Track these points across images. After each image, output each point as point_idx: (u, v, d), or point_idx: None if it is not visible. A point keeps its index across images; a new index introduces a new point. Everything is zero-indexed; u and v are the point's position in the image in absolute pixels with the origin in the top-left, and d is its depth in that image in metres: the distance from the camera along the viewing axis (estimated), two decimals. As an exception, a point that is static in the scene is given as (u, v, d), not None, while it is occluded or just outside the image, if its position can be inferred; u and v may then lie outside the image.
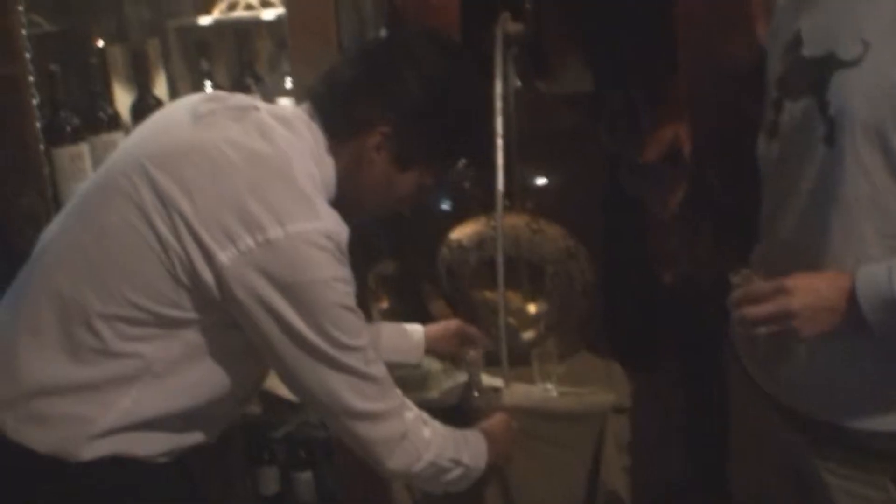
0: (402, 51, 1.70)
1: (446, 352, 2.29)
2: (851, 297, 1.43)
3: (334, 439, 1.95)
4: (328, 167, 1.68)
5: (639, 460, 2.25)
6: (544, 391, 2.30)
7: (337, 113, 1.70)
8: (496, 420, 2.07)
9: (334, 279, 1.56)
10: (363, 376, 1.64)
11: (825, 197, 1.51)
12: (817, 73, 1.52)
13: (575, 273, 2.38)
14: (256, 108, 1.68)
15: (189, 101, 1.73)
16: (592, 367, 2.46)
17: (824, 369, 1.57)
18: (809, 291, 1.45)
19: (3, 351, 1.61)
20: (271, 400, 2.39)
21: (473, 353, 2.24)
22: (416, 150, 1.71)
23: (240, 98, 1.73)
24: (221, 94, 1.77)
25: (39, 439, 1.56)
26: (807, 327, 1.45)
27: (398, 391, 1.75)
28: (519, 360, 2.36)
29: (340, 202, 1.66)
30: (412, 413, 1.76)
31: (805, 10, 1.61)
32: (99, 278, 1.56)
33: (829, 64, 1.51)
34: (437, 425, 1.82)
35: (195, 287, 1.54)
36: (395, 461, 1.73)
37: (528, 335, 2.46)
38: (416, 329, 2.25)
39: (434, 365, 2.44)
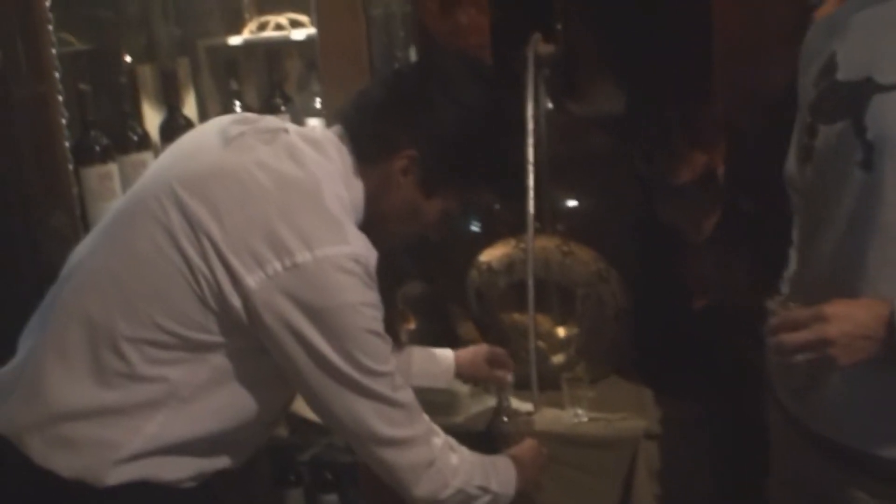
0: (436, 76, 1.68)
1: (476, 377, 2.26)
2: (890, 325, 1.40)
3: (360, 462, 1.94)
4: (357, 190, 1.66)
5: (668, 489, 2.22)
6: (574, 416, 2.28)
7: (365, 135, 1.68)
8: (526, 446, 2.05)
9: (362, 304, 1.54)
10: (390, 402, 1.62)
11: (862, 222, 1.48)
12: (854, 97, 1.50)
13: (606, 297, 2.36)
14: (286, 131, 1.67)
15: (219, 122, 1.72)
16: (623, 392, 2.44)
17: (861, 398, 1.53)
18: (847, 319, 1.42)
19: (31, 374, 1.60)
20: (298, 422, 2.38)
21: (502, 377, 2.21)
22: (443, 177, 1.68)
23: (269, 120, 1.72)
24: (251, 115, 1.76)
25: (65, 464, 1.55)
26: (844, 355, 1.42)
27: (426, 417, 1.73)
28: (548, 385, 2.34)
29: (367, 225, 1.65)
30: (440, 439, 1.74)
31: (839, 35, 1.59)
32: (127, 301, 1.55)
33: (866, 88, 1.48)
34: (465, 452, 1.80)
35: (222, 311, 1.53)
36: (423, 488, 1.71)
37: (557, 359, 2.44)
38: (446, 354, 2.22)
39: (462, 389, 2.42)
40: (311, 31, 2.45)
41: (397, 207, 1.70)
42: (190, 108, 2.72)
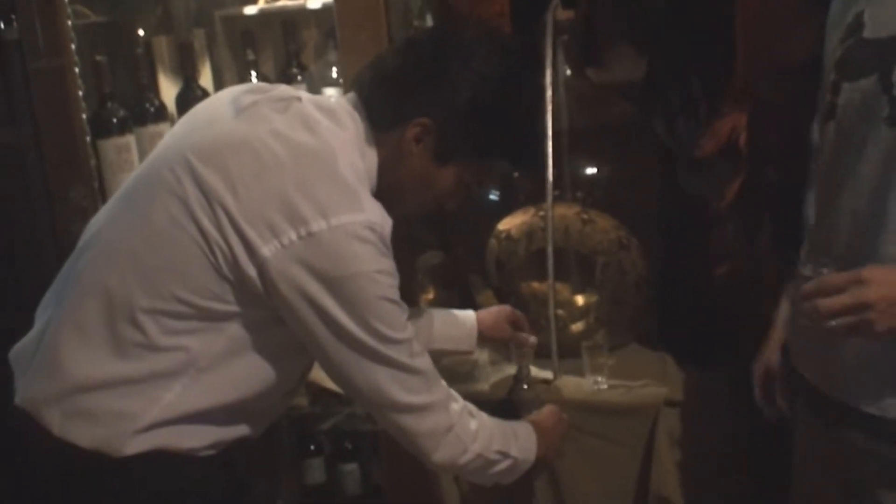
0: (453, 44, 1.66)
1: (498, 338, 2.24)
2: None
3: (380, 431, 1.94)
4: (371, 158, 1.66)
5: (689, 456, 2.22)
6: (594, 384, 2.28)
7: (380, 103, 1.67)
8: (546, 412, 2.05)
9: (378, 272, 1.54)
10: (408, 369, 1.62)
11: (886, 181, 1.46)
12: (880, 55, 1.48)
13: (626, 264, 2.36)
14: (299, 99, 1.66)
15: (231, 92, 1.71)
16: (644, 360, 2.43)
17: (875, 359, 1.52)
18: (886, 283, 1.39)
19: (49, 347, 1.61)
20: (318, 392, 2.39)
21: (525, 339, 2.20)
22: (456, 146, 1.67)
23: (282, 89, 1.71)
24: (263, 85, 1.76)
25: (84, 435, 1.56)
26: (882, 320, 1.39)
27: (444, 383, 1.73)
28: (568, 353, 2.34)
29: (382, 194, 1.64)
30: (458, 405, 1.74)
31: None
32: (143, 273, 1.55)
33: (894, 45, 1.47)
34: (484, 417, 1.80)
35: (238, 281, 1.53)
36: (441, 453, 1.71)
37: (577, 327, 2.44)
38: (468, 316, 2.20)
39: (482, 356, 2.42)
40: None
41: (410, 176, 1.69)
42: (206, 79, 2.72)
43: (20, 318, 1.75)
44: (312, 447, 2.87)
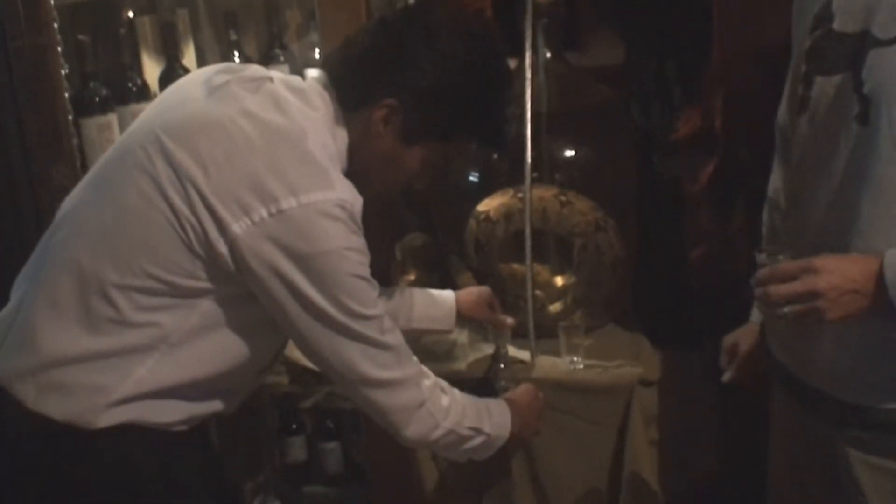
0: (421, 26, 1.67)
1: (477, 318, 2.28)
2: (879, 281, 1.39)
3: (361, 411, 1.96)
4: (341, 139, 1.68)
5: (664, 435, 2.25)
6: (571, 364, 2.31)
7: (348, 83, 1.69)
8: (522, 390, 2.06)
9: (347, 249, 1.56)
10: (378, 345, 1.64)
11: (857, 177, 1.48)
12: (851, 50, 1.49)
13: (604, 246, 2.38)
14: (270, 80, 1.67)
15: (203, 73, 1.72)
16: (620, 340, 2.46)
17: (851, 351, 1.54)
18: (837, 272, 1.41)
19: (23, 322, 1.63)
20: (298, 371, 2.40)
21: (503, 320, 2.22)
22: (422, 127, 1.68)
23: (254, 69, 1.72)
24: (235, 65, 1.77)
25: (58, 408, 1.58)
26: (832, 309, 1.41)
27: (415, 359, 1.75)
28: (546, 333, 2.36)
29: (352, 174, 1.66)
30: (430, 381, 1.76)
31: None
32: (116, 249, 1.57)
33: (863, 41, 1.47)
34: (456, 393, 1.82)
35: (209, 258, 1.55)
36: (413, 429, 1.73)
37: (555, 308, 2.46)
38: (447, 295, 2.22)
39: (461, 336, 2.45)
40: (310, -19, 2.44)
41: (378, 156, 1.70)
42: (189, 60, 2.72)
43: (1, 295, 1.75)
44: (294, 426, 2.89)
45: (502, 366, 2.26)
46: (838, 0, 1.55)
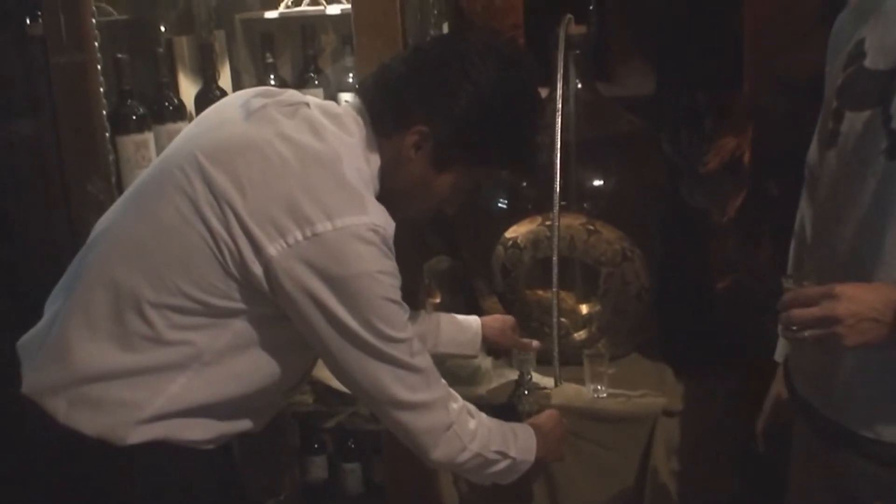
0: (455, 54, 1.69)
1: (502, 344, 2.29)
2: None
3: (383, 431, 1.97)
4: (375, 162, 1.70)
5: (687, 465, 2.25)
6: (594, 392, 2.32)
7: (381, 109, 1.71)
8: (546, 415, 2.07)
9: (380, 272, 1.58)
10: (408, 367, 1.66)
11: (882, 210, 1.49)
12: (881, 86, 1.51)
13: (629, 275, 2.39)
14: (307, 105, 1.70)
15: (242, 95, 1.75)
16: (644, 370, 2.47)
17: (868, 386, 1.55)
18: (857, 299, 1.42)
19: (57, 337, 1.65)
20: (322, 390, 2.42)
21: (527, 343, 2.24)
22: (453, 154, 1.70)
23: (290, 94, 1.75)
24: (272, 89, 1.79)
25: (89, 423, 1.59)
26: (851, 335, 1.42)
27: (443, 382, 1.76)
28: (570, 361, 2.37)
29: (384, 198, 1.67)
30: (458, 404, 1.77)
31: (868, 21, 1.60)
32: (152, 268, 1.59)
33: (893, 78, 1.49)
34: (483, 417, 1.83)
35: (244, 278, 1.57)
36: (440, 451, 1.74)
37: (580, 335, 2.47)
38: (473, 320, 2.24)
39: (485, 361, 2.46)
40: (346, 6, 2.47)
41: (410, 181, 1.72)
42: (225, 80, 2.75)
43: (36, 309, 1.78)
44: (316, 445, 2.90)
45: (526, 392, 2.27)
46: (871, 39, 1.57)
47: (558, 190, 2.26)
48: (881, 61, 1.53)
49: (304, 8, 2.67)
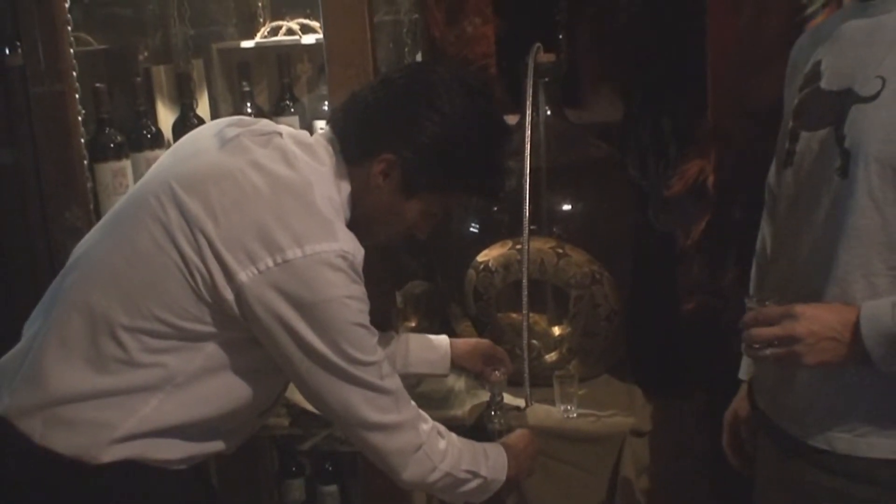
0: (422, 84, 1.74)
1: (472, 368, 2.32)
2: (857, 331, 1.46)
3: (360, 454, 1.99)
4: (345, 190, 1.74)
5: (656, 485, 2.29)
6: (564, 412, 2.35)
7: (350, 137, 1.76)
8: (518, 434, 2.11)
9: (348, 297, 1.62)
10: (377, 389, 1.70)
11: (835, 226, 1.54)
12: (835, 107, 1.56)
13: (599, 298, 2.43)
14: (279, 134, 1.75)
15: (216, 125, 1.80)
16: (614, 390, 2.50)
17: (824, 400, 1.59)
18: (816, 319, 1.48)
19: (33, 359, 1.68)
20: (298, 413, 2.44)
21: (497, 374, 2.28)
22: (421, 181, 1.75)
23: (264, 123, 1.80)
24: (246, 119, 1.84)
25: (64, 443, 1.63)
26: (810, 354, 1.48)
27: (413, 404, 1.80)
28: (542, 382, 2.41)
29: (354, 224, 1.72)
30: (427, 425, 1.81)
31: (824, 46, 1.66)
32: (126, 293, 1.63)
33: (846, 98, 1.55)
34: (453, 437, 1.87)
35: (216, 303, 1.61)
36: (410, 472, 1.78)
37: (551, 357, 2.50)
38: (442, 340, 2.28)
39: (458, 383, 2.49)
40: (321, 35, 2.52)
41: (379, 208, 1.77)
42: (203, 108, 2.79)
43: (14, 333, 1.81)
44: (294, 468, 2.92)
45: (497, 412, 2.30)
46: (827, 60, 1.63)
47: (528, 214, 2.30)
48: (835, 82, 1.59)
49: (280, 38, 2.72)
